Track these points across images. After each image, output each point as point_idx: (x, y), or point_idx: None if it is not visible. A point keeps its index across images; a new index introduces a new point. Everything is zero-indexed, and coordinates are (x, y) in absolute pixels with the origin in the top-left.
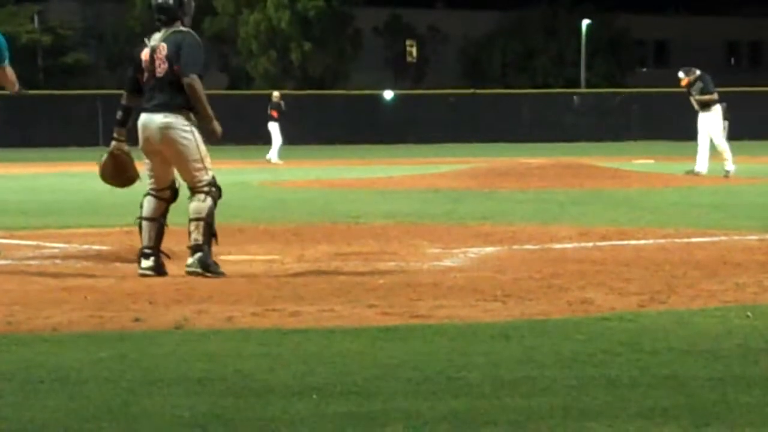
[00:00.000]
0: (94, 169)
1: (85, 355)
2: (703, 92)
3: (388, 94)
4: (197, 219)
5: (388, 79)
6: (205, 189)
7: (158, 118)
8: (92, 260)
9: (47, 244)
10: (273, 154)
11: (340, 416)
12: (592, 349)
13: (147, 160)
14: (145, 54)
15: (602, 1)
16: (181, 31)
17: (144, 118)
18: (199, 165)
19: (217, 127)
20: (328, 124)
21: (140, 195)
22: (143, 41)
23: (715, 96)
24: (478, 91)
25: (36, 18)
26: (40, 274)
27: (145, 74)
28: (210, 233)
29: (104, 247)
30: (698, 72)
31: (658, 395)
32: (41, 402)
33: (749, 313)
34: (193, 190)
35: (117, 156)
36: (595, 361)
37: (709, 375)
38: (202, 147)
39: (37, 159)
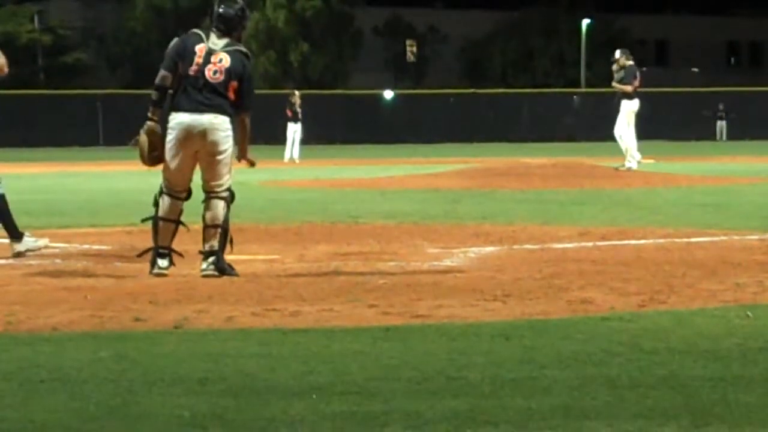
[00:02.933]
0: (95, 169)
1: (85, 355)
2: (622, 81)
3: (388, 94)
4: (215, 226)
5: (388, 79)
6: (223, 194)
7: (208, 118)
8: (92, 260)
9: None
10: (296, 153)
11: (340, 416)
12: (592, 348)
13: (174, 160)
14: (200, 49)
15: (602, 1)
16: (244, 53)
17: (189, 117)
18: (227, 170)
19: (252, 157)
20: (328, 124)
21: (138, 194)
22: (196, 33)
23: (629, 89)
24: (478, 91)
25: (36, 18)
26: (41, 273)
27: (193, 68)
28: (225, 240)
29: (105, 247)
30: (630, 63)
31: (658, 395)
32: (41, 402)
33: (749, 313)
34: (210, 194)
35: (151, 136)
36: (595, 361)
37: (709, 375)
38: (231, 156)
39: (37, 159)
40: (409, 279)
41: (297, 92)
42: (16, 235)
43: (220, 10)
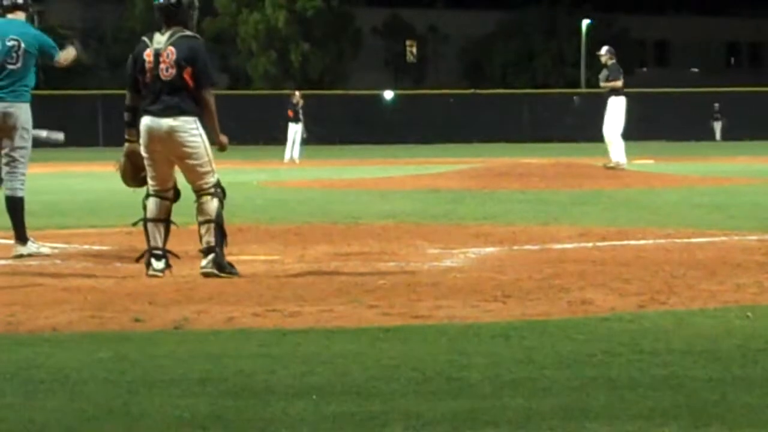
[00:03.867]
0: (95, 169)
1: (85, 355)
2: (607, 79)
3: (388, 95)
4: (207, 221)
5: (388, 79)
6: (211, 191)
7: (167, 122)
8: (92, 260)
9: (47, 245)
10: (296, 153)
11: (340, 416)
12: (592, 349)
13: (148, 162)
14: (148, 55)
15: (602, 1)
16: (189, 37)
17: (150, 121)
18: (206, 168)
19: (224, 139)
20: (328, 124)
21: (138, 194)
22: (143, 40)
23: (619, 84)
24: (478, 91)
25: (36, 18)
26: (41, 274)
27: (147, 75)
28: (221, 235)
29: (104, 248)
30: (614, 62)
31: (658, 396)
32: (41, 402)
33: (749, 314)
34: (199, 192)
35: (132, 157)
36: (595, 362)
37: (709, 375)
38: (209, 149)
39: (38, 159)
40: (409, 279)
41: (298, 92)
42: (22, 237)
43: (159, 2)
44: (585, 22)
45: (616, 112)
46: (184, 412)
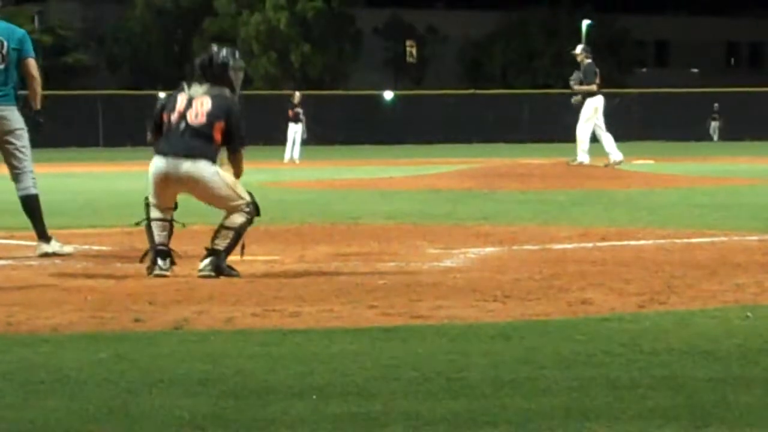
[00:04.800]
0: (95, 169)
1: (85, 356)
2: (581, 83)
3: (388, 95)
4: (229, 228)
5: (388, 79)
6: (246, 210)
7: (186, 165)
8: (92, 261)
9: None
10: (296, 153)
11: (339, 417)
12: (592, 349)
13: (155, 189)
14: (182, 97)
15: (602, 2)
16: (226, 96)
17: (165, 164)
18: (232, 196)
19: (242, 175)
20: (328, 124)
21: (138, 194)
22: (181, 84)
23: (594, 87)
24: (478, 91)
25: (36, 18)
26: (41, 274)
27: (175, 115)
28: (233, 245)
29: (104, 248)
30: (589, 61)
31: (658, 396)
32: (41, 402)
33: (749, 314)
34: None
35: None
36: (595, 362)
37: (709, 375)
38: (229, 179)
39: (38, 159)
40: (409, 279)
41: (298, 93)
42: (44, 235)
43: (196, 60)
44: (585, 22)
45: (591, 112)
46: (184, 412)
